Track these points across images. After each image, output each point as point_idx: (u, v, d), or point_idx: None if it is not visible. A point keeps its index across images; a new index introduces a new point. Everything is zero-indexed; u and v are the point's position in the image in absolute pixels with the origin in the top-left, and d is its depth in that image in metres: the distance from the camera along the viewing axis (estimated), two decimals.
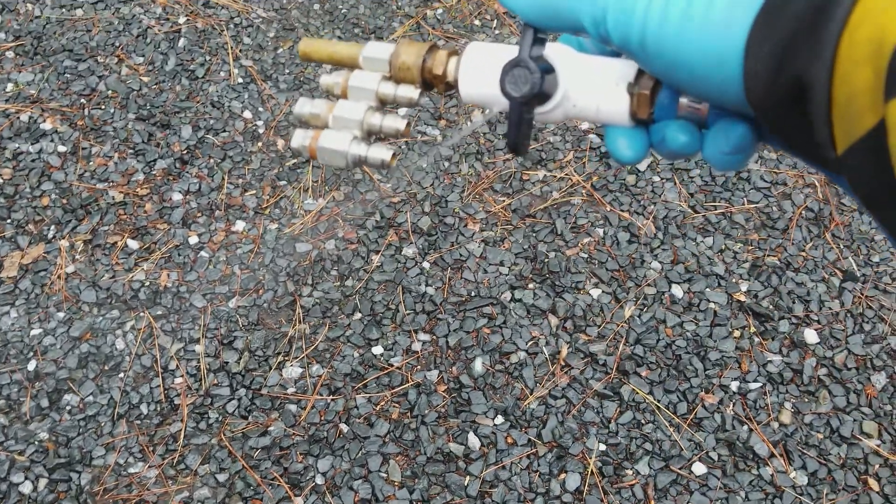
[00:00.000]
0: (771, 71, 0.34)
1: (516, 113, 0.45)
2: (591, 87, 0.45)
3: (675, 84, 0.41)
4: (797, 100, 0.34)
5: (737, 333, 1.76)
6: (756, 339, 1.75)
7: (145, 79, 2.15)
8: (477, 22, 2.30)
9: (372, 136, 0.50)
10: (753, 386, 1.69)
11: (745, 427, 1.64)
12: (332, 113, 0.49)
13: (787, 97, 0.34)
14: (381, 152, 0.48)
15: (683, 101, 0.43)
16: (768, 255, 1.88)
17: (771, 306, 1.80)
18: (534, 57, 0.45)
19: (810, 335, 1.76)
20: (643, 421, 1.65)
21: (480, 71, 0.47)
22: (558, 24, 0.43)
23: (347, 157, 0.48)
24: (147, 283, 1.82)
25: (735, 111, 0.40)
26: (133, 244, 1.87)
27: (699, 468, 1.59)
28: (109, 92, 2.11)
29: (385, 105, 0.50)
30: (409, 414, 1.66)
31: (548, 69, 0.45)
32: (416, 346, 1.74)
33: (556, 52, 0.46)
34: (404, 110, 2.02)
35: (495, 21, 2.30)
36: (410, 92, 0.49)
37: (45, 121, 2.05)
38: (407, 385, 1.69)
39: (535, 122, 0.47)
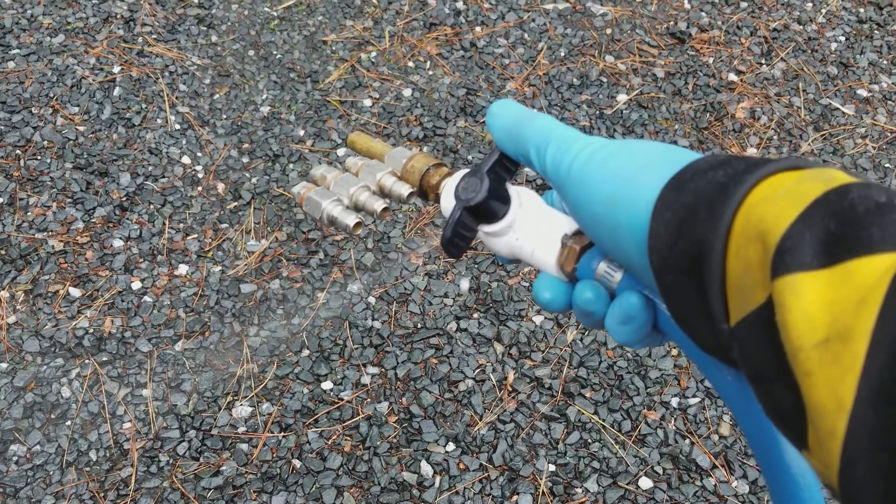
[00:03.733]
0: (672, 235, 0.36)
1: (458, 213, 0.50)
2: (535, 228, 0.50)
3: (583, 223, 0.45)
4: (694, 269, 0.36)
5: (674, 352, 1.82)
6: None
7: (81, 128, 2.15)
8: (411, 64, 2.37)
9: (357, 209, 0.58)
10: (693, 401, 1.76)
11: (687, 441, 1.70)
12: (335, 179, 0.58)
13: (685, 264, 0.36)
14: (349, 217, 0.56)
15: (601, 267, 0.47)
16: None
17: None
18: (492, 178, 0.50)
19: None
20: (590, 440, 1.70)
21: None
22: (514, 147, 0.49)
23: (323, 210, 0.56)
24: (91, 330, 1.81)
25: (642, 282, 0.44)
26: (75, 292, 1.86)
27: (646, 483, 1.65)
28: (45, 142, 2.11)
29: (381, 192, 0.58)
30: (361, 446, 1.68)
31: (503, 196, 0.51)
32: (366, 380, 1.77)
33: (521, 191, 0.52)
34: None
35: (428, 62, 2.37)
36: (403, 189, 0.57)
37: None
38: (358, 418, 1.71)
39: (477, 239, 0.52)
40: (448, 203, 0.52)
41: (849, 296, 0.28)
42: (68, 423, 1.70)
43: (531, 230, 0.50)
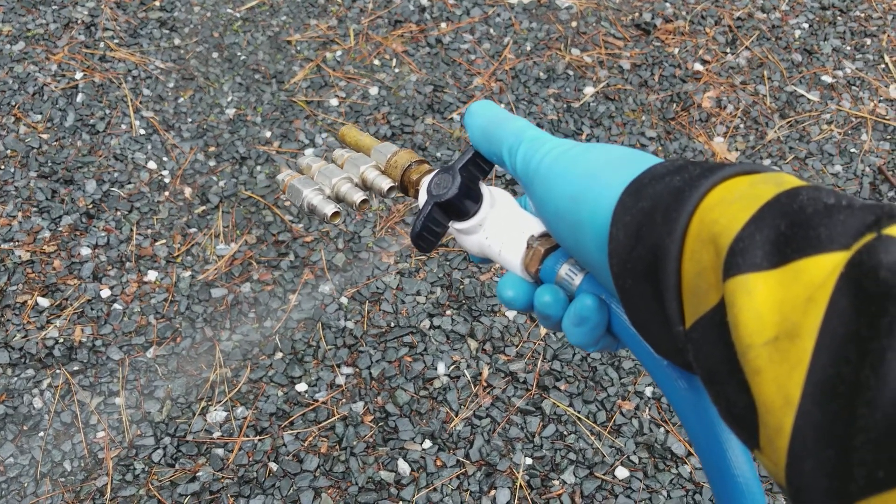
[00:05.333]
0: (631, 239, 0.37)
1: (428, 208, 0.51)
2: (504, 228, 0.51)
3: (546, 220, 0.46)
4: (651, 273, 0.36)
5: None
6: None
7: (45, 136, 2.13)
8: (376, 61, 2.36)
9: (337, 199, 0.59)
10: None
11: (662, 429, 1.71)
12: (319, 169, 0.60)
13: (643, 268, 0.37)
14: (327, 207, 0.57)
15: (563, 269, 0.47)
16: None
17: None
18: (465, 175, 0.51)
19: None
20: (566, 432, 1.70)
21: None
22: (489, 147, 0.50)
23: (304, 199, 0.57)
24: (61, 340, 1.79)
25: (602, 283, 0.45)
26: (44, 302, 1.84)
27: (622, 472, 1.65)
28: (8, 151, 2.08)
29: (363, 185, 0.59)
30: (337, 447, 1.67)
31: (474, 194, 0.51)
32: (340, 380, 1.76)
33: (494, 191, 0.53)
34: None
35: (394, 60, 2.36)
36: (384, 183, 0.58)
37: None
38: (333, 419, 1.71)
39: (447, 235, 0.53)
40: (423, 199, 0.53)
41: (798, 294, 0.28)
42: (41, 434, 1.68)
43: (500, 230, 0.51)
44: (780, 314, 0.29)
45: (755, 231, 0.31)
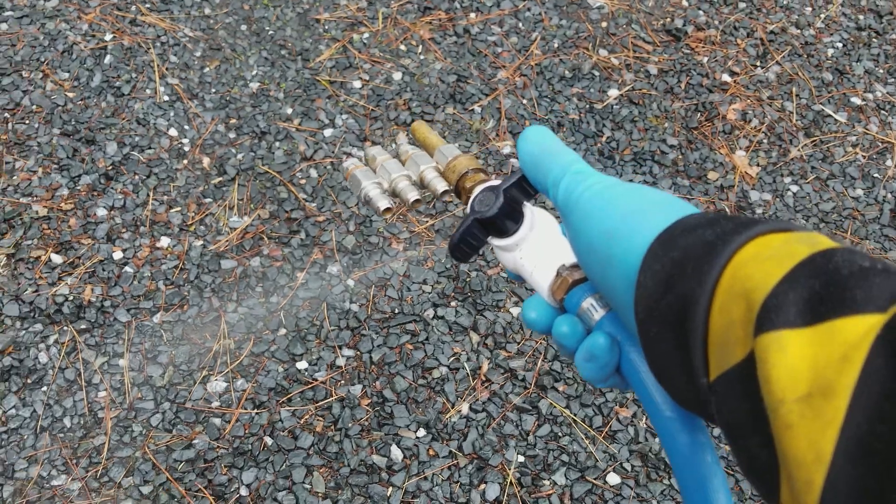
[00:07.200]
0: (660, 286, 0.38)
1: (468, 222, 0.52)
2: (539, 252, 0.52)
3: (578, 252, 0.46)
4: (678, 322, 0.37)
5: None
6: None
7: (70, 94, 2.14)
8: (402, 47, 2.36)
9: (393, 194, 0.61)
10: None
11: (657, 439, 1.72)
12: (383, 163, 0.62)
13: (670, 317, 0.37)
14: (381, 201, 0.59)
15: (587, 302, 0.48)
16: None
17: None
18: (508, 196, 0.52)
19: None
20: (560, 434, 1.71)
21: None
22: (535, 174, 0.51)
23: (362, 189, 0.60)
24: (71, 298, 1.81)
25: (624, 321, 0.45)
26: (57, 258, 1.86)
27: (613, 478, 1.66)
28: (34, 107, 2.10)
29: (421, 184, 0.61)
30: (333, 427, 1.69)
31: (515, 215, 0.53)
32: (341, 362, 1.78)
33: (537, 213, 0.54)
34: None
35: (420, 46, 2.37)
36: (440, 185, 0.60)
37: None
38: (331, 399, 1.72)
39: (486, 250, 0.56)
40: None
41: (832, 353, 0.29)
42: (44, 388, 1.70)
43: (535, 252, 0.52)
44: (814, 371, 0.29)
45: (789, 289, 0.31)
